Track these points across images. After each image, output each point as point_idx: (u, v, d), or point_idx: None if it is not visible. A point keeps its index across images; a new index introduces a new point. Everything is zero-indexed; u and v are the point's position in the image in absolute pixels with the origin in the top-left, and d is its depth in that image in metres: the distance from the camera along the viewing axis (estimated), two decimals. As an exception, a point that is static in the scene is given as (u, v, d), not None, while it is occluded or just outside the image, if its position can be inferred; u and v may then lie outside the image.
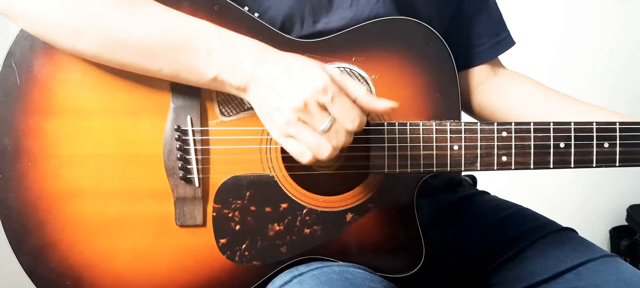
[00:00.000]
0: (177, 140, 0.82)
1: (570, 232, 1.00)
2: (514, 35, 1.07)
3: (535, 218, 1.03)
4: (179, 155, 0.82)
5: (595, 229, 2.31)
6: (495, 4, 1.06)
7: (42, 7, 0.77)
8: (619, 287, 0.87)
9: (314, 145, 0.74)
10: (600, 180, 2.26)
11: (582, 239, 0.98)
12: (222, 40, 0.78)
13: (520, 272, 0.95)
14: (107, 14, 0.77)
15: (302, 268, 0.85)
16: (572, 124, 0.84)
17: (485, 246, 1.00)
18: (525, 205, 1.07)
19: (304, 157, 0.75)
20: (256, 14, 0.85)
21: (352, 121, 0.74)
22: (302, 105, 0.73)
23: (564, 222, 1.02)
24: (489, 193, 1.12)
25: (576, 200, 2.29)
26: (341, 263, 0.86)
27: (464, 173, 1.16)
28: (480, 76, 1.05)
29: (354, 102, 0.75)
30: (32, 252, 0.82)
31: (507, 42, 1.06)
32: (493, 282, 0.98)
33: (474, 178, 1.17)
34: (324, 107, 0.73)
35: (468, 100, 1.06)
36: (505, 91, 1.03)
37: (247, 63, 0.76)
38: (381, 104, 0.76)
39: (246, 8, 0.84)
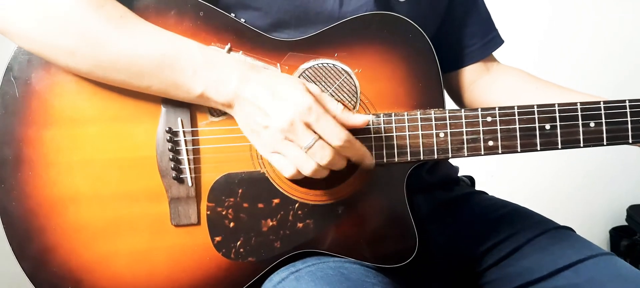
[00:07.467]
0: (168, 141, 0.78)
1: (568, 230, 0.94)
2: (501, 31, 1.03)
3: (533, 216, 0.97)
4: (171, 157, 0.78)
5: (595, 229, 2.21)
6: (484, 4, 1.03)
7: (35, 27, 0.74)
8: (617, 284, 0.81)
9: (298, 161, 0.72)
10: (600, 180, 2.17)
11: (579, 237, 0.93)
12: (207, 58, 0.75)
13: (517, 269, 0.89)
14: (97, 35, 0.74)
15: (298, 264, 0.80)
16: (556, 105, 0.79)
17: (482, 243, 0.93)
18: (524, 206, 1.01)
19: (287, 170, 0.74)
20: (242, 20, 0.81)
21: (337, 137, 0.72)
22: (288, 124, 0.71)
23: (563, 222, 0.96)
24: (487, 193, 1.06)
25: (576, 201, 2.19)
26: (337, 258, 0.81)
27: (461, 173, 1.11)
28: (472, 74, 1.01)
29: (333, 118, 0.73)
30: (33, 257, 0.78)
31: (496, 40, 1.03)
32: (490, 279, 0.92)
33: (472, 179, 1.11)
34: (309, 126, 0.72)
35: (462, 98, 1.02)
36: (496, 86, 0.99)
37: (231, 81, 0.74)
38: (359, 119, 0.75)
39: (232, 15, 0.81)
